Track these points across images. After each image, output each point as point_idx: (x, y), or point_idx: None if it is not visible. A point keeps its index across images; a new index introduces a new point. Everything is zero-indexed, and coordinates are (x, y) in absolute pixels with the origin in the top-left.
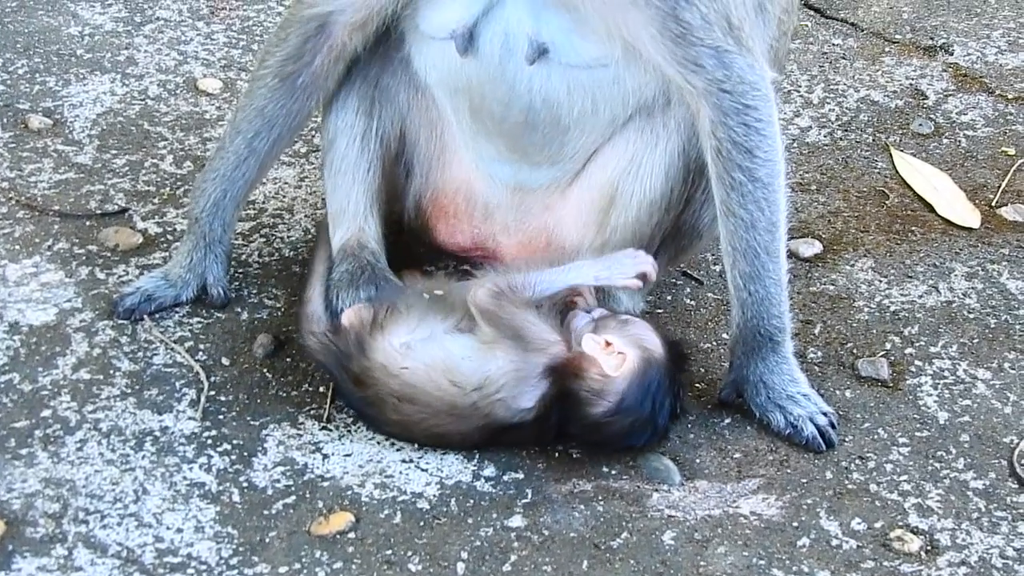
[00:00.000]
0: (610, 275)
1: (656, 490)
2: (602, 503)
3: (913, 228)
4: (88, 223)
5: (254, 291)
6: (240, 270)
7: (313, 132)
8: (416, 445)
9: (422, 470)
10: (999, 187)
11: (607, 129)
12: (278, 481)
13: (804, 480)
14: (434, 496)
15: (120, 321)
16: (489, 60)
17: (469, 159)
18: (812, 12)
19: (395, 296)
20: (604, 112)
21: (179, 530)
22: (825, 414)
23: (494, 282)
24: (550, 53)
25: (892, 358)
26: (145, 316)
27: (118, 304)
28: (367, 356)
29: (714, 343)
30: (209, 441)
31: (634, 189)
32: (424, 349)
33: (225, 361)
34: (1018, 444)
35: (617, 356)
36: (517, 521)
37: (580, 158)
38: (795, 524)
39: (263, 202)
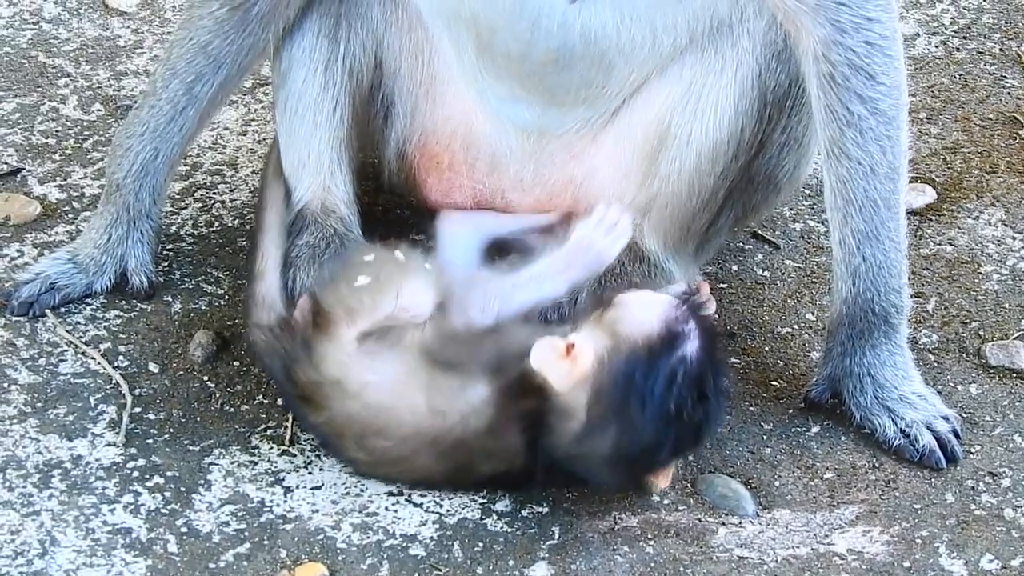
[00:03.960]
0: (586, 259)
1: (723, 524)
2: (652, 543)
3: None
4: None
5: (188, 274)
6: (170, 246)
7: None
8: None
9: (415, 505)
10: None
11: (665, 60)
12: (227, 524)
13: (918, 506)
14: (431, 539)
15: (15, 318)
16: None
17: (470, 95)
18: None
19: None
20: (665, 40)
21: None
22: (946, 419)
23: (437, 325)
24: None
25: None
26: (48, 311)
27: (12, 296)
28: (314, 364)
29: (795, 327)
30: (135, 474)
31: (692, 128)
32: (393, 356)
33: (153, 368)
34: None
35: (573, 360)
36: (542, 570)
37: (624, 95)
38: (907, 564)
39: (198, 155)
